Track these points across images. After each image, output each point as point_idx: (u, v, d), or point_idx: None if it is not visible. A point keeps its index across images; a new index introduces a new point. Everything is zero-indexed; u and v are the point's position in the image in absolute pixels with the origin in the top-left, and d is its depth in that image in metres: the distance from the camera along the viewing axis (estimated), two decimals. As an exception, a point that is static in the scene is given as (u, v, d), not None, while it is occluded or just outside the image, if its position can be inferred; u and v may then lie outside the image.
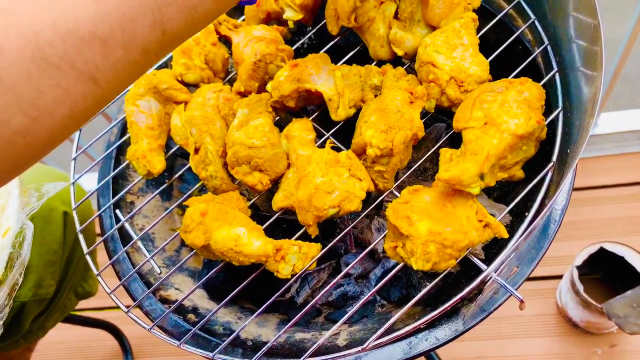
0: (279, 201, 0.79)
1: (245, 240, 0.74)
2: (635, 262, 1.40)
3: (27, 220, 0.95)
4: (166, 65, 1.07)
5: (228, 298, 0.78)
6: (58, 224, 1.13)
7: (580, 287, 1.42)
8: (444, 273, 0.72)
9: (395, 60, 0.88)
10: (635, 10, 1.41)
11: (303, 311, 0.75)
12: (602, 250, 1.44)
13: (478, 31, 0.82)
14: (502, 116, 0.70)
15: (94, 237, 1.24)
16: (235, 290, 0.77)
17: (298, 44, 0.97)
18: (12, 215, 0.93)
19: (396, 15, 0.87)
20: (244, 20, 0.99)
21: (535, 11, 0.84)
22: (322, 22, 0.95)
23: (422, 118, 0.78)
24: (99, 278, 0.83)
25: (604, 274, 1.55)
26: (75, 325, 1.60)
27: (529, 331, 1.59)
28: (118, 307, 0.81)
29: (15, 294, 0.92)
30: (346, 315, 0.73)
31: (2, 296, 0.88)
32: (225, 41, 0.94)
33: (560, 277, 1.62)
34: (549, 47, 0.81)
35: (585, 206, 1.76)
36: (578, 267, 1.44)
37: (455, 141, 0.83)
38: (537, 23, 0.83)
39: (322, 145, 0.82)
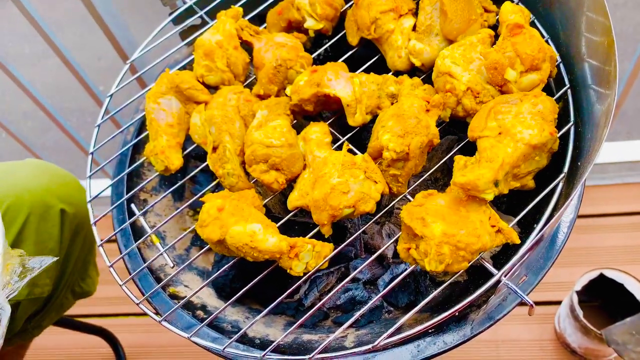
0: (294, 200, 0.80)
1: (260, 236, 0.75)
2: (635, 290, 1.40)
3: (5, 304, 0.86)
4: (184, 67, 1.09)
5: (238, 295, 0.78)
6: (55, 221, 1.10)
7: (579, 312, 1.42)
8: (451, 279, 0.74)
9: (411, 72, 0.91)
10: (637, 50, 1.45)
11: (311, 312, 0.76)
12: (601, 277, 1.45)
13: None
14: (517, 126, 0.72)
15: (93, 239, 1.20)
16: (245, 288, 0.78)
17: (314, 55, 0.99)
18: None
19: (414, 29, 0.90)
20: (265, 27, 1.02)
21: (549, 31, 0.87)
22: (339, 34, 0.98)
23: (436, 127, 0.80)
24: (111, 270, 0.84)
25: (603, 301, 1.55)
26: (71, 330, 1.59)
27: (526, 356, 1.59)
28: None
29: None
30: (353, 317, 0.73)
31: None
32: (246, 47, 0.96)
33: (558, 302, 1.62)
34: (561, 65, 0.84)
35: (585, 234, 1.77)
36: (578, 293, 1.45)
37: (466, 153, 0.85)
38: (550, 42, 0.86)
39: (337, 149, 0.84)
